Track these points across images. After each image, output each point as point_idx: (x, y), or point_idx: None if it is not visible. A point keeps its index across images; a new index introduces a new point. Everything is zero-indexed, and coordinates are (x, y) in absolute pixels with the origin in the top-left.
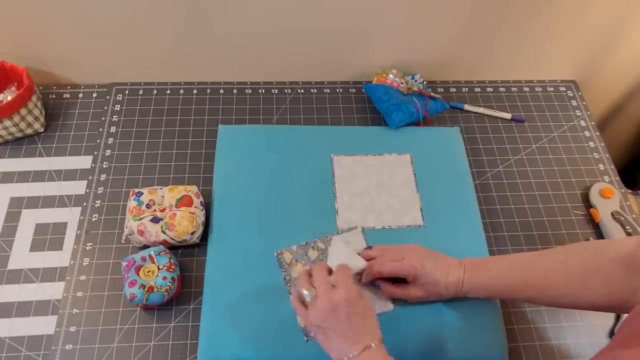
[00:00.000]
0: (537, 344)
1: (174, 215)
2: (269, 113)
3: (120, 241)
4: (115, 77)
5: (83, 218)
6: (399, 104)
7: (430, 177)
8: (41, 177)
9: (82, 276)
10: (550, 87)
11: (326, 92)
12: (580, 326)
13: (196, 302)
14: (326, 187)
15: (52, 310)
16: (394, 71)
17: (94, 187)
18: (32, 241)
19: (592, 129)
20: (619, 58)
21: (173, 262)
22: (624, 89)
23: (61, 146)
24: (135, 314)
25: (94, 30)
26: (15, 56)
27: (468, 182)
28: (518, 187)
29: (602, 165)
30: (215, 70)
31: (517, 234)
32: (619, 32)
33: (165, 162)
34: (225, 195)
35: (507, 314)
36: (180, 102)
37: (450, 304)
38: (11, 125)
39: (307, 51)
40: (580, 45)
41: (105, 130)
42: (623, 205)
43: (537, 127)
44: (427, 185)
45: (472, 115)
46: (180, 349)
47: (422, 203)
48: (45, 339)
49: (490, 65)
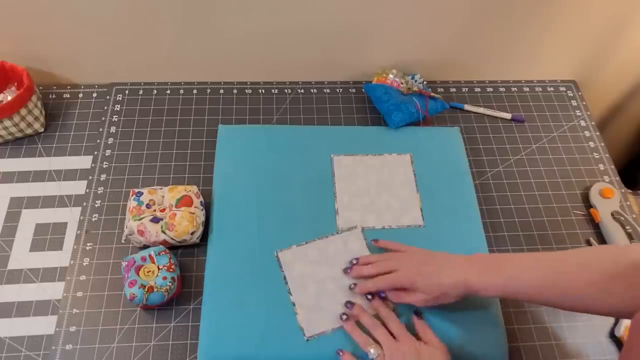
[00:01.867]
0: (537, 344)
1: (174, 215)
2: (269, 113)
3: (120, 241)
4: (115, 77)
5: (83, 218)
6: (399, 104)
7: (430, 177)
8: (41, 177)
9: (82, 276)
10: (550, 87)
11: (326, 92)
12: (580, 326)
13: (196, 302)
14: (326, 187)
15: (52, 310)
16: (394, 71)
17: (94, 187)
18: (32, 241)
19: (592, 129)
20: (619, 58)
21: (173, 262)
22: (624, 89)
23: (61, 146)
24: (135, 314)
25: (94, 30)
26: (15, 56)
27: (468, 182)
28: (518, 187)
29: (602, 165)
30: (215, 70)
31: (517, 234)
32: (619, 32)
33: (165, 162)
34: (225, 195)
35: (507, 314)
36: (180, 102)
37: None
38: (11, 125)
39: (307, 51)
40: (580, 45)
41: (105, 130)
42: (623, 205)
43: (537, 127)
44: (427, 185)
45: (472, 115)
46: (180, 349)
47: (422, 203)
48: (45, 339)
49: (490, 65)
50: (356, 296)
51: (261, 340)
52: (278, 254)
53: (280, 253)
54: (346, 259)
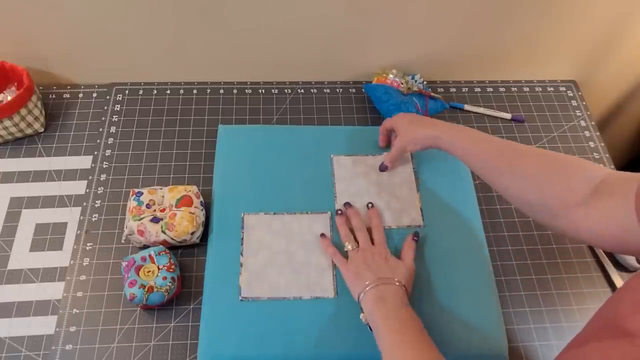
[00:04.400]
0: (537, 344)
1: (174, 215)
2: (269, 113)
3: (120, 241)
4: (115, 77)
5: (83, 218)
6: (399, 104)
7: (430, 177)
8: (41, 177)
9: (82, 276)
10: (550, 87)
11: (326, 92)
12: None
13: (196, 302)
14: (326, 187)
15: (52, 310)
16: (394, 71)
17: (94, 187)
18: (32, 241)
19: (592, 129)
20: (619, 58)
21: (173, 262)
22: (624, 89)
23: (61, 146)
24: (135, 314)
25: (94, 30)
26: (15, 56)
27: (468, 182)
28: None
29: (602, 166)
30: (215, 70)
31: (517, 234)
32: (619, 32)
33: (165, 162)
34: (225, 195)
35: (507, 314)
36: (180, 102)
37: (451, 304)
38: (11, 125)
39: (307, 51)
40: (580, 45)
41: (105, 130)
42: None
43: (537, 127)
44: (427, 185)
45: (472, 115)
46: (180, 349)
47: (422, 203)
48: (45, 339)
49: (490, 65)
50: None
51: (261, 340)
52: (244, 216)
53: (245, 215)
54: (307, 239)
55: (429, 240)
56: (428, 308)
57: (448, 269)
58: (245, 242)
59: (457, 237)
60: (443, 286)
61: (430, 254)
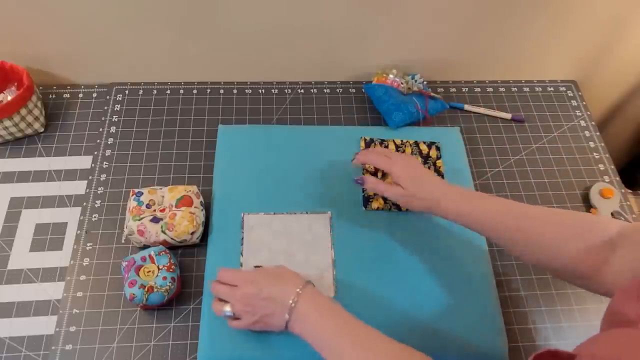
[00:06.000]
0: (537, 344)
1: (174, 215)
2: (269, 113)
3: (120, 241)
4: (115, 77)
5: (83, 218)
6: (399, 104)
7: None
8: (41, 177)
9: (82, 276)
10: (550, 87)
11: (326, 92)
12: (580, 326)
13: (196, 302)
14: (326, 187)
15: (52, 310)
16: (394, 71)
17: (94, 187)
18: (32, 241)
19: (592, 129)
20: (619, 58)
21: (173, 262)
22: (624, 89)
23: (61, 146)
24: (135, 314)
25: (94, 30)
26: (15, 56)
27: (468, 182)
28: (518, 187)
29: (602, 165)
30: (215, 70)
31: None
32: (618, 32)
33: (165, 162)
34: (225, 195)
35: (507, 314)
36: (180, 102)
37: (450, 304)
38: (11, 125)
39: (307, 51)
40: (580, 45)
41: (105, 130)
42: (623, 205)
43: (537, 127)
44: None
45: (472, 115)
46: (180, 349)
47: None
48: (45, 339)
49: (490, 65)
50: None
51: (261, 340)
52: (244, 216)
53: (245, 215)
54: (307, 239)
55: (429, 241)
56: (428, 308)
57: (448, 270)
58: (245, 242)
59: (457, 237)
60: (443, 286)
61: (430, 254)
